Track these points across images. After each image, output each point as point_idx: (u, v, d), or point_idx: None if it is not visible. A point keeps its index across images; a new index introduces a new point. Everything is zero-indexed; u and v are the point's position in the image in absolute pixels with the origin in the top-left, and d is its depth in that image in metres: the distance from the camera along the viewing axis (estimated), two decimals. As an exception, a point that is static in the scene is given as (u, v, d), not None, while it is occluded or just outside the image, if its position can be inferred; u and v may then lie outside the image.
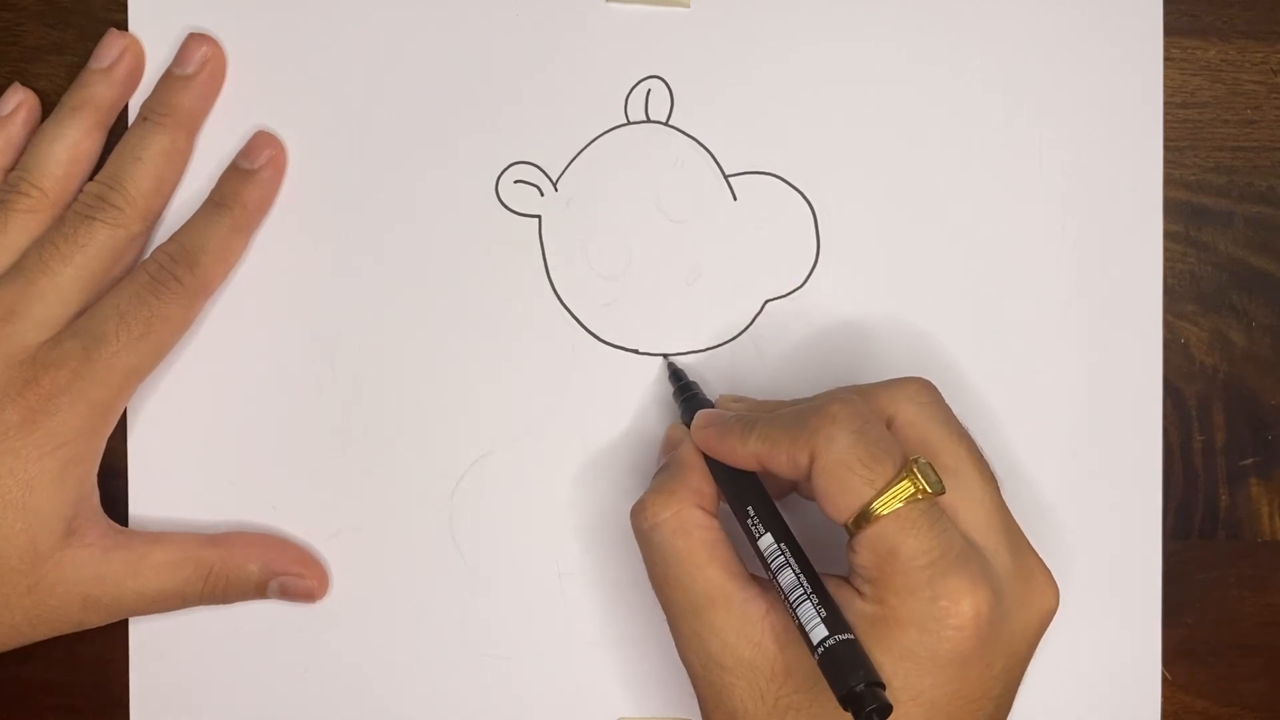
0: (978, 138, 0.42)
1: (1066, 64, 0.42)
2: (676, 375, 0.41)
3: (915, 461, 0.33)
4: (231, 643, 0.42)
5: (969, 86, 0.42)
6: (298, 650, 0.42)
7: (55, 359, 0.38)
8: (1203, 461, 0.43)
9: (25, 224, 0.40)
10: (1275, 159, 0.43)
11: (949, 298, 0.42)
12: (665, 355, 0.42)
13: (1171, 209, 0.43)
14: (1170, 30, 0.42)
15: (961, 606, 0.32)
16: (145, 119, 0.41)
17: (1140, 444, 0.42)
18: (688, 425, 0.39)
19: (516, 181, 0.42)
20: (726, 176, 0.42)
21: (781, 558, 0.34)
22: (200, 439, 0.42)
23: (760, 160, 0.42)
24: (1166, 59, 0.42)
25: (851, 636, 0.32)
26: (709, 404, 0.40)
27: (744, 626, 0.34)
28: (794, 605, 0.33)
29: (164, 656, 0.42)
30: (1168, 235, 0.42)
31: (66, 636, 0.40)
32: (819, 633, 0.32)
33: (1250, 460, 0.43)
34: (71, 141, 0.40)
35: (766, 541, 0.35)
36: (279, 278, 0.42)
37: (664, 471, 0.38)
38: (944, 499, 0.34)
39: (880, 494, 0.33)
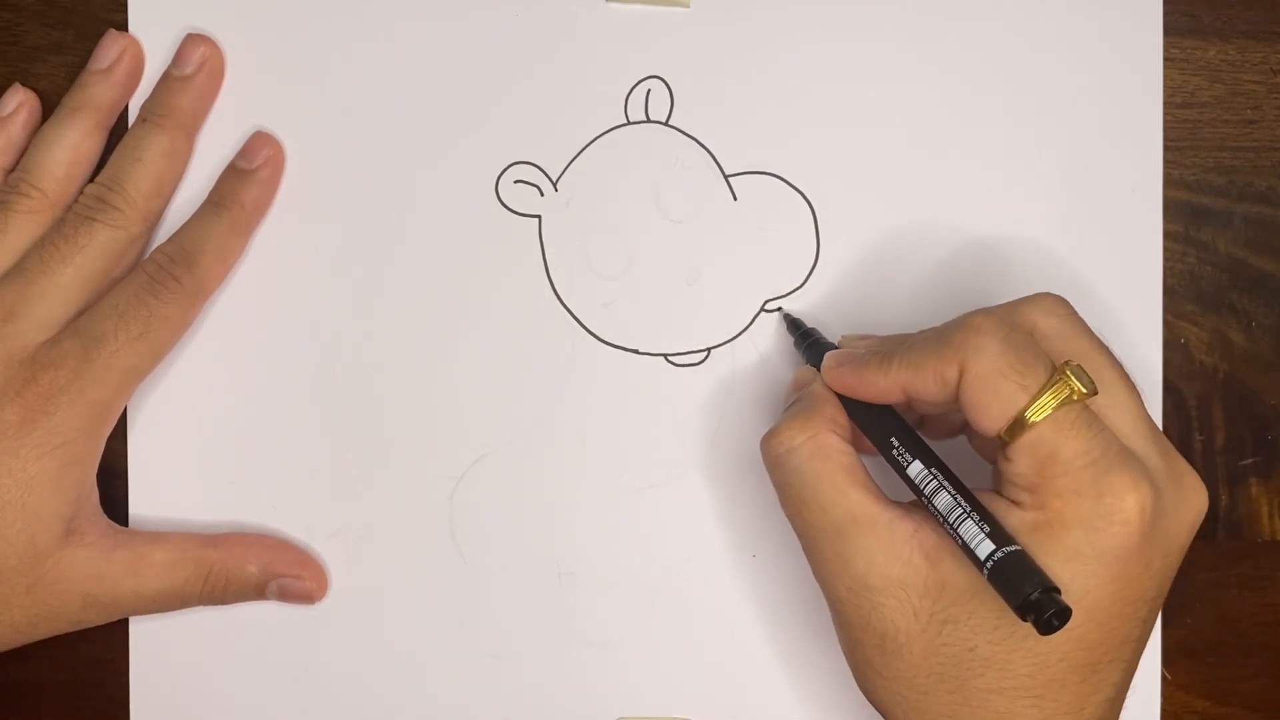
0: (978, 138, 0.42)
1: (1066, 64, 0.42)
2: (795, 324, 0.41)
3: (1066, 364, 0.33)
4: (231, 643, 0.42)
5: (969, 86, 0.42)
6: (298, 650, 0.42)
7: (54, 359, 0.38)
8: (1203, 461, 0.43)
9: (26, 225, 0.40)
10: (1275, 159, 0.43)
11: (949, 297, 0.42)
12: (780, 309, 0.42)
13: (1171, 209, 0.43)
14: (1170, 30, 0.42)
15: (1126, 502, 0.33)
16: (144, 120, 0.41)
17: (1140, 444, 0.42)
18: (816, 368, 0.39)
19: (516, 181, 0.42)
20: (726, 176, 0.42)
21: (934, 481, 0.34)
22: (200, 439, 0.42)
23: (760, 160, 0.42)
24: (1166, 59, 0.42)
25: (1019, 547, 0.32)
26: (833, 346, 0.40)
27: (892, 545, 0.34)
28: (954, 525, 0.33)
29: (164, 656, 0.42)
30: (1168, 235, 0.42)
31: (66, 636, 0.40)
32: (985, 547, 0.33)
33: (1250, 460, 0.43)
34: (72, 143, 0.40)
35: (917, 468, 0.35)
36: (279, 278, 0.42)
37: (797, 404, 0.38)
38: (1092, 405, 0.34)
39: (1035, 398, 0.33)
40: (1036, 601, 0.31)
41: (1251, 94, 0.43)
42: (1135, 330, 0.42)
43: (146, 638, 0.42)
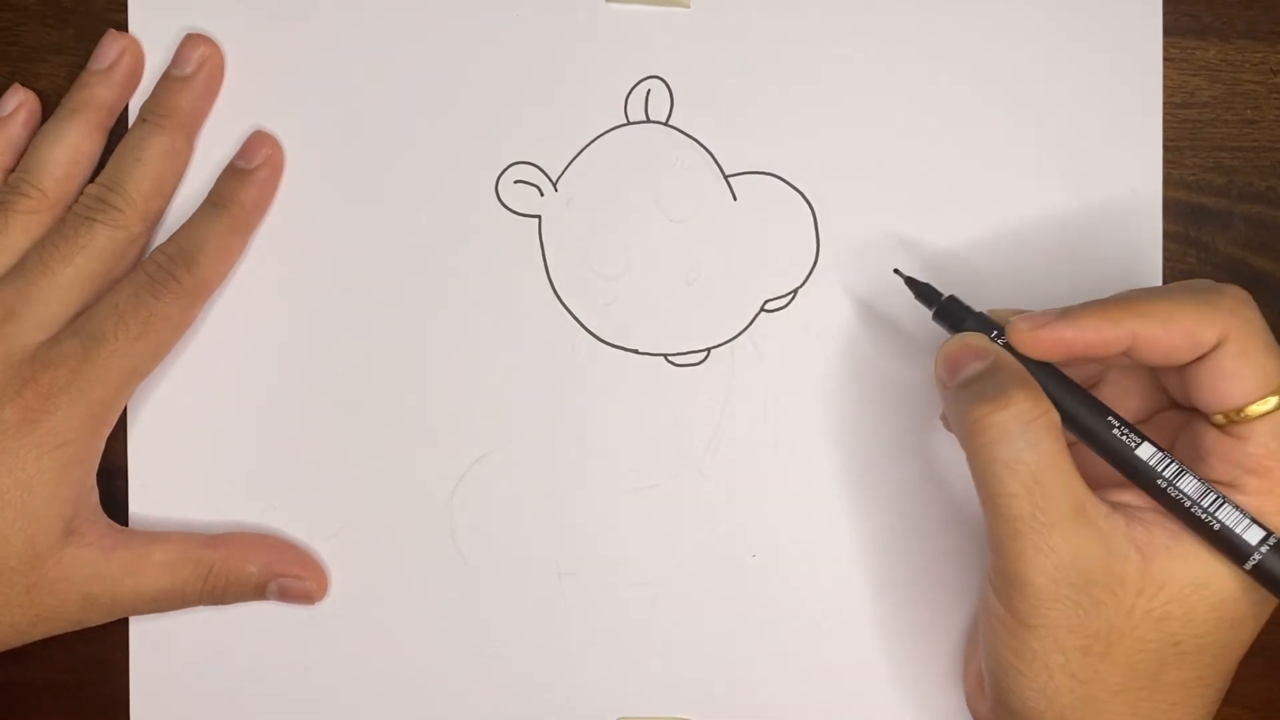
0: (977, 137, 0.42)
1: (1066, 64, 0.42)
2: (925, 290, 0.38)
3: None
4: (231, 643, 0.42)
5: (969, 86, 0.42)
6: (298, 650, 0.42)
7: (54, 358, 0.38)
8: (1203, 461, 0.43)
9: (26, 225, 0.40)
10: (1275, 159, 0.43)
11: (949, 298, 0.42)
12: (897, 270, 0.39)
13: (1171, 209, 0.43)
14: (1170, 30, 0.42)
15: None
16: (144, 120, 0.41)
17: (1140, 444, 0.42)
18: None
19: (516, 181, 0.42)
20: (726, 176, 0.42)
21: (1175, 465, 0.34)
22: (200, 439, 0.42)
23: (760, 160, 0.42)
24: (1166, 59, 0.42)
25: (1278, 536, 0.33)
26: (979, 314, 0.37)
27: (1113, 539, 0.33)
28: (1210, 510, 0.33)
29: (164, 656, 0.42)
30: (1168, 235, 0.42)
31: (66, 636, 0.40)
32: (1254, 534, 0.33)
33: (1250, 460, 0.43)
34: (71, 143, 0.40)
35: (1148, 450, 0.34)
36: (279, 278, 0.42)
37: (992, 376, 0.34)
38: None
39: None
40: None
41: (1251, 94, 0.43)
42: (1135, 330, 0.42)
43: (146, 638, 0.42)
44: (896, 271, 0.39)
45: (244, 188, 0.41)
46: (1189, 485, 0.33)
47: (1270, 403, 0.33)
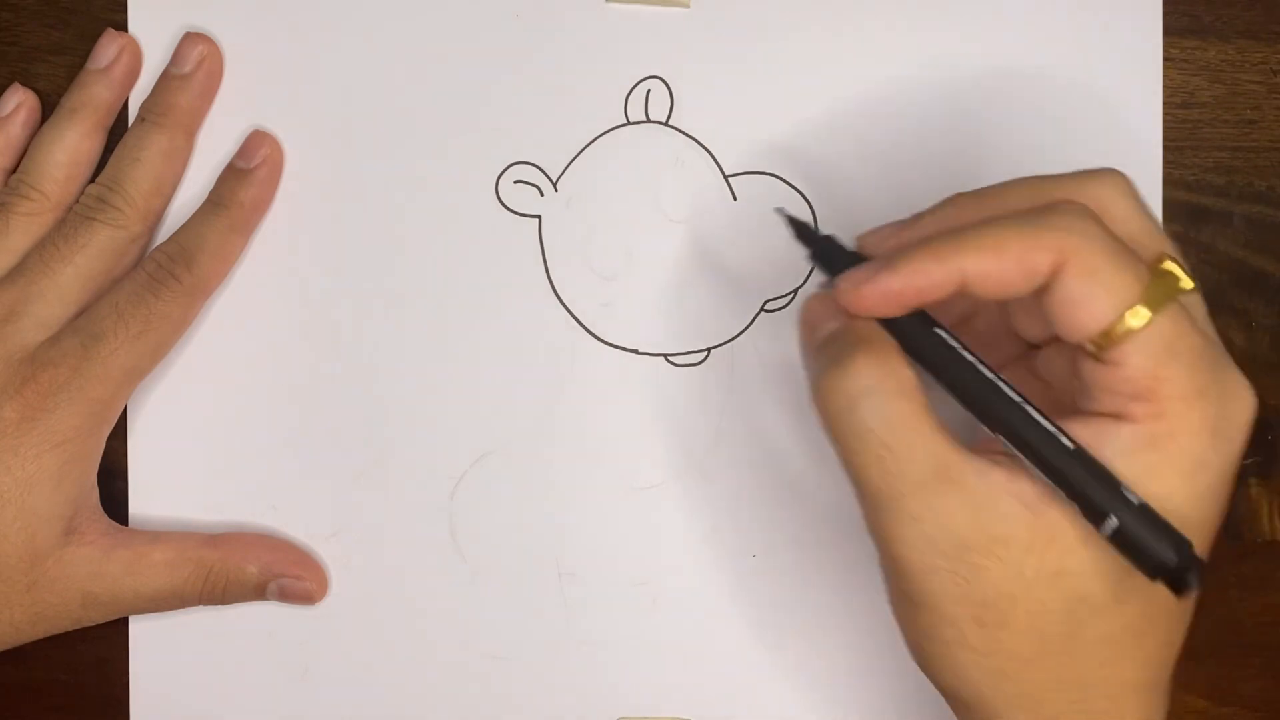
0: (977, 137, 0.42)
1: (1066, 64, 0.42)
2: (803, 229, 0.34)
3: (1165, 257, 0.30)
4: (231, 643, 0.42)
5: (968, 86, 0.42)
6: (298, 650, 0.42)
7: (54, 357, 0.38)
8: (1203, 461, 0.43)
9: (26, 226, 0.40)
10: (1275, 159, 0.43)
11: (949, 298, 0.42)
12: (782, 210, 0.36)
13: (1171, 209, 0.43)
14: (1170, 30, 0.42)
15: (1244, 404, 0.30)
16: (144, 120, 0.41)
17: (1140, 444, 0.42)
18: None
19: (516, 181, 0.42)
20: (726, 176, 0.42)
21: (1026, 411, 0.30)
22: (200, 439, 0.42)
23: (760, 160, 0.42)
24: (1166, 59, 0.42)
25: (1143, 501, 0.29)
26: (856, 255, 0.33)
27: (989, 498, 0.30)
28: (1058, 468, 0.29)
29: (164, 656, 0.42)
30: (1168, 235, 0.42)
31: (66, 636, 0.40)
32: (1104, 501, 0.28)
33: (1250, 460, 0.43)
34: (71, 144, 0.40)
35: (1009, 391, 0.30)
36: (278, 277, 0.42)
37: (842, 338, 0.31)
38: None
39: (1146, 289, 0.29)
40: (1174, 566, 0.28)
41: (1251, 94, 0.43)
42: (1135, 330, 0.42)
43: (146, 638, 0.42)
44: (779, 211, 0.36)
45: (243, 187, 0.41)
46: (1038, 435, 0.29)
47: (1135, 318, 0.29)
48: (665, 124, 0.42)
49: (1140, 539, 0.29)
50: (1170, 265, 0.30)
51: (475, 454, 0.42)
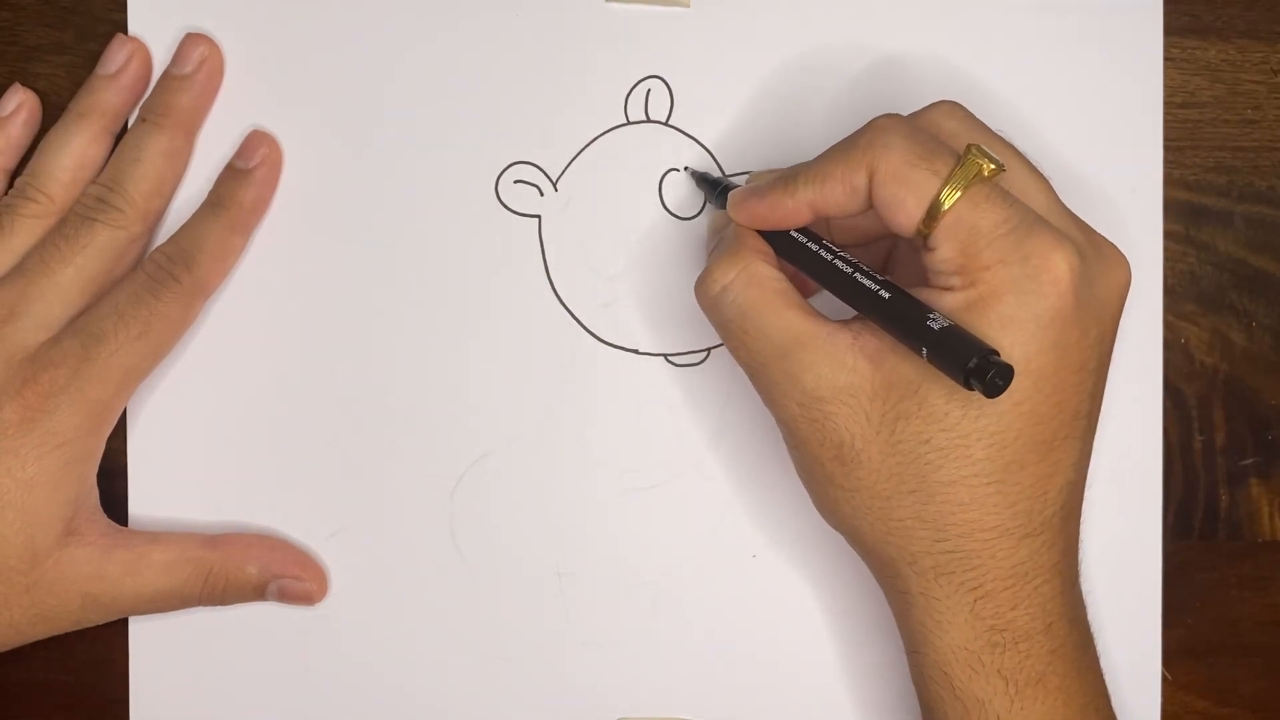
0: (978, 138, 0.42)
1: (1067, 64, 0.42)
2: (703, 177, 0.41)
3: (970, 147, 0.34)
4: (231, 643, 0.42)
5: (968, 86, 0.42)
6: (298, 650, 0.42)
7: (54, 358, 0.38)
8: (1203, 461, 0.43)
9: (30, 229, 0.40)
10: (1275, 159, 0.43)
11: (949, 298, 0.42)
12: (686, 167, 0.42)
13: (1171, 209, 0.43)
14: (1170, 30, 0.42)
15: (1052, 261, 0.33)
16: (144, 120, 0.41)
17: (1140, 444, 0.42)
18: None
19: (516, 181, 0.42)
20: (726, 176, 0.42)
21: (862, 276, 0.35)
22: (200, 439, 0.42)
23: (760, 160, 0.42)
24: (1166, 59, 0.42)
25: (951, 323, 0.33)
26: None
27: (835, 355, 0.35)
28: (889, 316, 0.34)
29: (164, 656, 0.42)
30: (1168, 235, 0.42)
31: (66, 636, 0.40)
32: (920, 331, 0.33)
33: (1250, 460, 0.43)
34: (78, 149, 0.40)
35: (844, 267, 0.35)
36: (279, 278, 0.42)
37: (720, 244, 0.38)
38: (1004, 187, 0.34)
39: (947, 181, 0.33)
40: (977, 367, 0.31)
41: (1251, 94, 0.43)
42: (1135, 330, 0.42)
43: (146, 638, 0.42)
44: (686, 169, 0.42)
45: (242, 187, 0.41)
46: (870, 296, 0.34)
47: (940, 205, 0.33)
48: (665, 124, 0.42)
49: (950, 352, 0.32)
50: (974, 153, 0.34)
51: (475, 454, 0.42)
